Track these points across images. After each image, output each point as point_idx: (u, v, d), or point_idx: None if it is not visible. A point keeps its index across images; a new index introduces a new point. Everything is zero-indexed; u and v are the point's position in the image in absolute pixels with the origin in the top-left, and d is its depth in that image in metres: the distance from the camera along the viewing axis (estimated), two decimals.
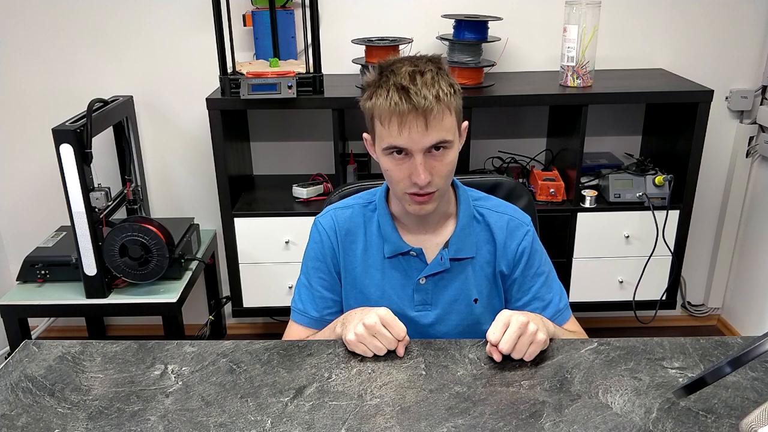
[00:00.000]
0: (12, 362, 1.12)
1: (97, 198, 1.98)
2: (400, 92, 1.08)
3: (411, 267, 1.26)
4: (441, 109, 1.09)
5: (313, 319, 1.30)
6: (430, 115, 1.08)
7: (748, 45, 2.37)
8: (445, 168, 1.14)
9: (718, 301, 2.69)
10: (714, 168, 2.51)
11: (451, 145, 1.13)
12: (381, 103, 1.10)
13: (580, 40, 2.10)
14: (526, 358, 1.07)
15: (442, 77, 1.11)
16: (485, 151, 2.46)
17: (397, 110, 1.08)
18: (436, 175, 1.13)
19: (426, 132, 1.09)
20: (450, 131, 1.12)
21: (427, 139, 1.10)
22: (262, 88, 2.01)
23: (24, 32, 2.34)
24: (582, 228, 2.20)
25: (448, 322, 1.28)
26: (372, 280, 1.27)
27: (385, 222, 1.26)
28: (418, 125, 1.08)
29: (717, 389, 1.00)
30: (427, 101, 1.07)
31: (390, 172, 1.15)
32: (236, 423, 0.95)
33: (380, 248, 1.27)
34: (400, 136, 1.10)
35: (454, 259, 1.25)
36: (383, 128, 1.12)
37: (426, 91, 1.07)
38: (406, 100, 1.07)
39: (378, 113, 1.12)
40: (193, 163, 2.51)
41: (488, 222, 1.27)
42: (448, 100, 1.10)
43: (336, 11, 2.32)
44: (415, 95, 1.07)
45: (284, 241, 2.22)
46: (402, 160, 1.13)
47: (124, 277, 2.07)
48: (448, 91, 1.10)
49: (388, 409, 0.98)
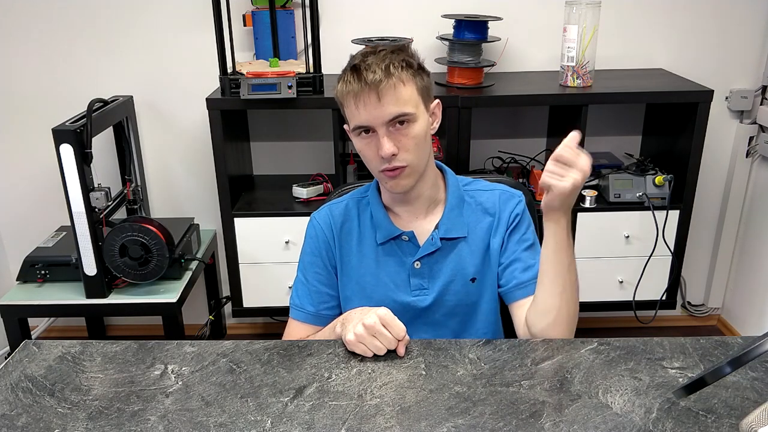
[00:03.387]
0: (12, 362, 1.12)
1: (97, 198, 1.98)
2: (352, 72, 1.15)
3: (404, 252, 1.27)
4: (392, 82, 1.13)
5: (310, 314, 1.31)
6: (380, 87, 1.12)
7: (748, 45, 2.37)
8: (411, 141, 1.17)
9: (718, 301, 2.69)
10: (714, 168, 2.51)
11: (413, 118, 1.16)
12: (341, 86, 1.18)
13: (580, 40, 2.10)
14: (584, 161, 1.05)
15: (397, 54, 1.16)
16: (485, 151, 2.46)
17: (351, 90, 1.14)
18: (402, 149, 1.16)
19: (380, 104, 1.13)
20: (408, 104, 1.15)
21: (382, 112, 1.13)
22: (262, 88, 2.01)
23: (24, 32, 2.34)
24: (582, 228, 2.20)
25: (445, 303, 1.28)
26: (367, 269, 1.29)
27: (376, 210, 1.28)
28: (371, 99, 1.13)
29: (717, 389, 1.00)
30: (376, 75, 1.12)
31: (362, 152, 1.20)
32: (236, 423, 0.95)
33: (373, 236, 1.29)
34: (359, 114, 1.15)
35: (445, 238, 1.26)
36: (347, 110, 1.18)
37: (375, 66, 1.13)
38: (357, 77, 1.13)
39: (340, 96, 1.19)
40: (193, 163, 2.51)
41: (480, 201, 1.29)
42: (399, 73, 1.14)
43: (336, 11, 2.32)
44: (365, 71, 1.13)
45: (284, 241, 2.22)
46: (370, 138, 1.17)
47: (124, 277, 2.07)
48: (400, 65, 1.14)
49: (388, 409, 0.98)
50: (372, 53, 1.16)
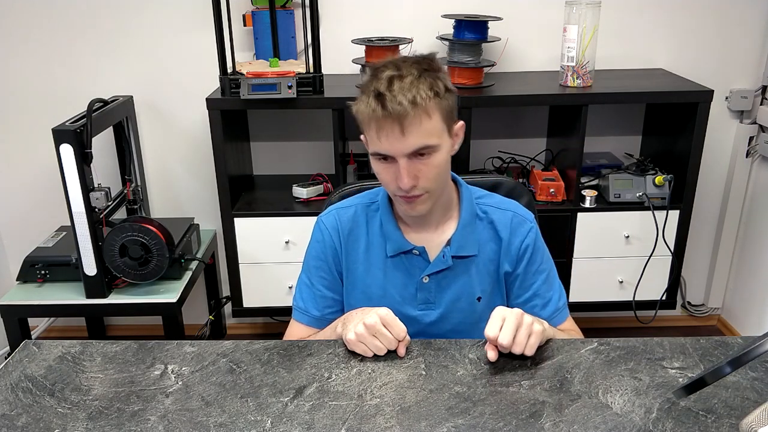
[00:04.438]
0: (12, 362, 1.12)
1: (97, 198, 1.98)
2: (377, 99, 1.08)
3: (414, 266, 1.26)
4: (418, 114, 1.07)
5: (315, 318, 1.30)
6: (405, 120, 1.07)
7: (748, 45, 2.37)
8: (432, 171, 1.13)
9: (718, 301, 2.69)
10: (714, 168, 2.51)
11: (435, 149, 1.12)
12: (362, 108, 1.11)
13: (580, 40, 2.10)
14: (527, 352, 1.06)
15: (424, 80, 1.09)
16: (485, 151, 2.46)
17: (374, 116, 1.09)
18: (422, 178, 1.13)
19: (403, 137, 1.08)
20: (432, 135, 1.10)
21: (405, 145, 1.09)
22: (262, 88, 2.01)
23: (24, 32, 2.34)
24: (582, 228, 2.20)
25: (450, 320, 1.28)
26: (374, 280, 1.27)
27: (387, 221, 1.26)
28: (394, 131, 1.08)
29: (717, 389, 1.00)
30: (402, 107, 1.06)
31: (379, 175, 1.16)
32: (236, 423, 0.95)
33: (382, 247, 1.27)
34: (379, 143, 1.10)
35: (457, 256, 1.25)
36: (367, 133, 1.14)
37: (401, 96, 1.06)
38: (381, 106, 1.07)
39: (360, 119, 1.13)
40: (193, 163, 2.51)
41: (491, 219, 1.27)
42: (427, 104, 1.08)
43: (336, 11, 2.32)
44: (390, 102, 1.06)
45: (284, 241, 2.22)
46: (388, 164, 1.13)
47: (124, 277, 2.07)
48: (427, 95, 1.08)
49: (388, 409, 0.98)
50: (398, 78, 1.08)
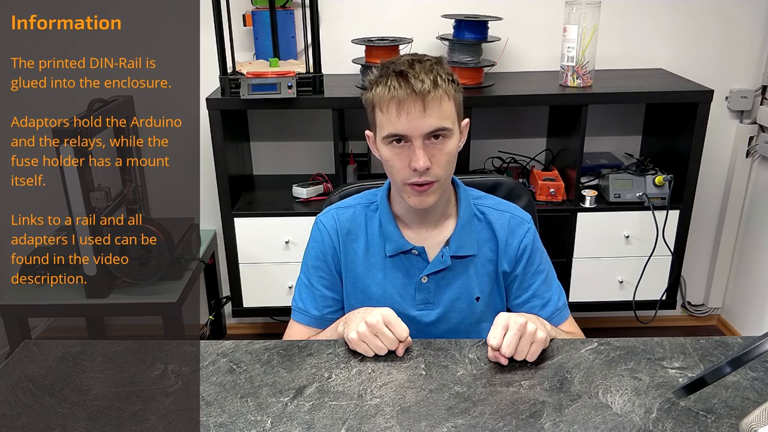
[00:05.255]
0: (12, 362, 1.12)
1: (97, 198, 1.98)
2: (398, 78, 1.10)
3: (413, 266, 1.26)
4: (439, 94, 1.10)
5: (314, 318, 1.30)
6: (427, 97, 1.09)
7: (748, 45, 2.37)
8: (444, 157, 1.14)
9: (718, 301, 2.69)
10: (714, 168, 2.51)
11: (450, 134, 1.14)
12: (380, 90, 1.13)
13: (580, 40, 2.10)
14: (529, 359, 1.06)
15: (441, 67, 1.13)
16: (485, 151, 2.46)
17: (396, 95, 1.10)
18: (435, 163, 1.14)
19: (424, 115, 1.10)
20: (449, 119, 1.13)
21: (425, 124, 1.11)
22: (262, 88, 2.01)
23: (24, 31, 2.33)
24: (582, 228, 2.20)
25: (450, 320, 1.28)
26: (374, 280, 1.27)
27: (386, 221, 1.26)
28: (416, 108, 1.10)
29: (717, 389, 1.00)
30: (425, 85, 1.09)
31: (390, 161, 1.16)
32: (236, 423, 0.95)
33: (382, 247, 1.27)
34: (398, 121, 1.11)
35: (456, 256, 1.25)
36: (383, 115, 1.14)
37: (424, 75, 1.10)
38: (404, 84, 1.10)
39: (378, 101, 1.14)
40: (193, 163, 2.50)
41: (489, 220, 1.27)
42: (446, 86, 1.12)
43: (336, 11, 2.32)
44: (414, 78, 1.09)
45: (284, 241, 2.22)
46: (402, 148, 1.14)
47: (124, 277, 2.07)
48: (446, 78, 1.12)
49: (388, 409, 0.98)
50: (417, 61, 1.12)
